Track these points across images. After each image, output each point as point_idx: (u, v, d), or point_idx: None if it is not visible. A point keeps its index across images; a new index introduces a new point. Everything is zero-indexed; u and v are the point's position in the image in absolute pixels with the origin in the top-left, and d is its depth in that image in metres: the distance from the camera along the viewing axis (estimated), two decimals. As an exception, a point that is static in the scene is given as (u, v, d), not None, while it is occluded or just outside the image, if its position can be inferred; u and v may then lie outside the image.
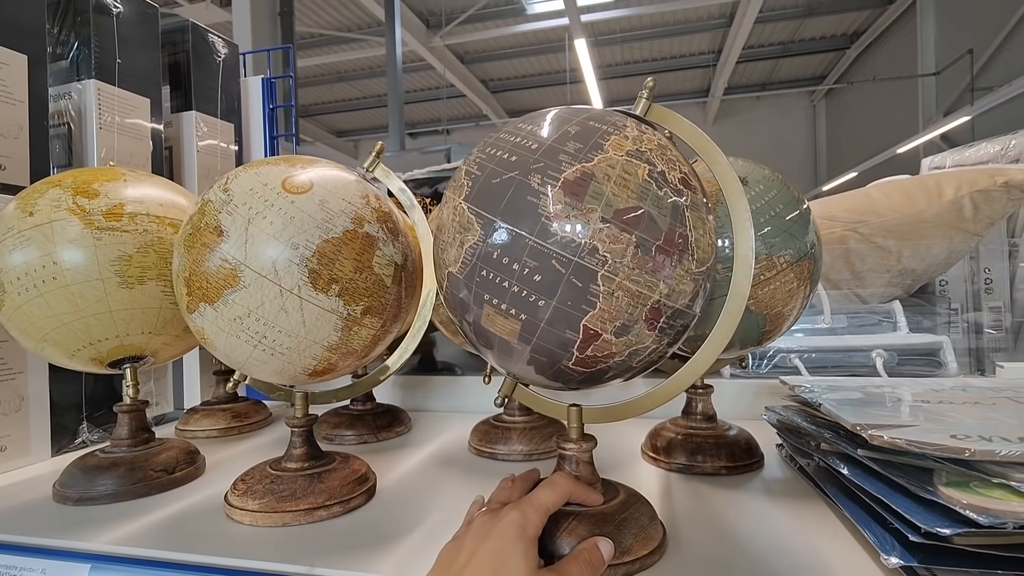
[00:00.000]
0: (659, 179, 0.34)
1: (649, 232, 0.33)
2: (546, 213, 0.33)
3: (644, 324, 0.34)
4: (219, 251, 0.41)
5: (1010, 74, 4.65)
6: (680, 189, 0.35)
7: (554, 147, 0.35)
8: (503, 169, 0.35)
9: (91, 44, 0.71)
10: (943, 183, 0.76)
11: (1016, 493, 0.32)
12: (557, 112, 0.38)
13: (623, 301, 0.33)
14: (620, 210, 0.33)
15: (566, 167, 0.33)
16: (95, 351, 0.50)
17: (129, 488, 0.51)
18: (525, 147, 0.35)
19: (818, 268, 0.53)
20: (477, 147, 0.39)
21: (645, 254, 0.33)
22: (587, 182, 0.33)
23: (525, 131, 0.37)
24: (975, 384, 0.57)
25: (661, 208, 0.34)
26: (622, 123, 0.36)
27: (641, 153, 0.35)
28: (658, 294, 0.34)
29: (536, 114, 0.39)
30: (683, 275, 0.35)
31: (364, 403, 0.73)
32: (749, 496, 0.49)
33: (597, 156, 0.34)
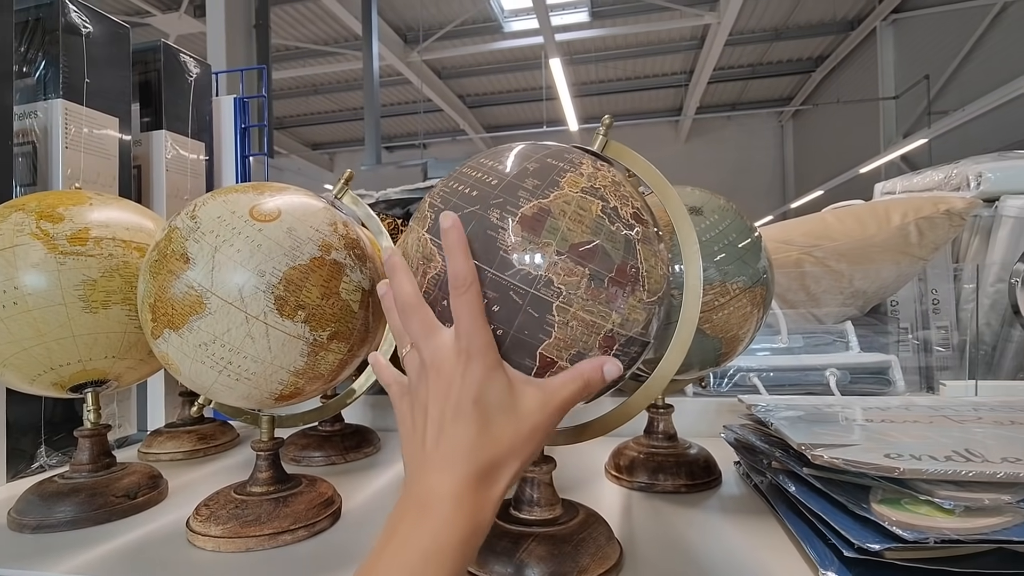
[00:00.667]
0: (612, 214, 0.36)
1: (602, 265, 0.35)
2: (504, 247, 0.34)
3: (599, 351, 0.36)
4: (185, 278, 0.41)
5: (964, 99, 4.90)
6: (632, 224, 0.37)
7: (513, 183, 0.36)
8: (464, 203, 0.37)
9: (59, 63, 0.71)
10: (891, 209, 0.80)
11: (940, 509, 0.35)
12: (519, 149, 0.40)
13: (578, 330, 0.35)
14: (575, 244, 0.34)
15: (524, 203, 0.35)
16: (56, 376, 0.49)
17: (89, 515, 0.51)
18: (486, 183, 0.37)
19: (770, 293, 0.56)
20: (442, 180, 0.40)
21: (599, 286, 0.35)
22: (544, 218, 0.35)
23: (487, 167, 0.38)
24: (918, 403, 0.60)
25: (614, 242, 0.36)
26: (579, 160, 0.38)
27: (595, 190, 0.37)
28: (611, 323, 0.36)
29: (499, 149, 0.40)
30: (636, 305, 0.36)
31: (332, 424, 0.73)
32: (706, 514, 0.51)
33: (554, 193, 0.36)
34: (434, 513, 0.29)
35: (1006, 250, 0.81)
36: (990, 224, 0.84)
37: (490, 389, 0.31)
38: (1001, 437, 0.44)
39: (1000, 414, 0.52)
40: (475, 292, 0.32)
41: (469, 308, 0.32)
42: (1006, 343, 0.80)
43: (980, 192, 0.84)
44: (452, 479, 0.30)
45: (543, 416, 0.32)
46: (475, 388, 0.31)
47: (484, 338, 0.32)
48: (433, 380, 0.32)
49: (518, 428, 0.31)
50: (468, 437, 0.30)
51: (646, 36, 6.81)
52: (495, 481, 0.31)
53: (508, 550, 0.38)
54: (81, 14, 0.74)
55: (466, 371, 0.31)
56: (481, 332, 0.32)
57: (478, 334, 0.32)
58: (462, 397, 0.31)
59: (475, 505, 0.29)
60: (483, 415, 0.31)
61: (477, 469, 0.30)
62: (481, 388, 0.31)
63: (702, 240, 0.52)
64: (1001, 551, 0.35)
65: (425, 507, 0.29)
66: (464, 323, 0.32)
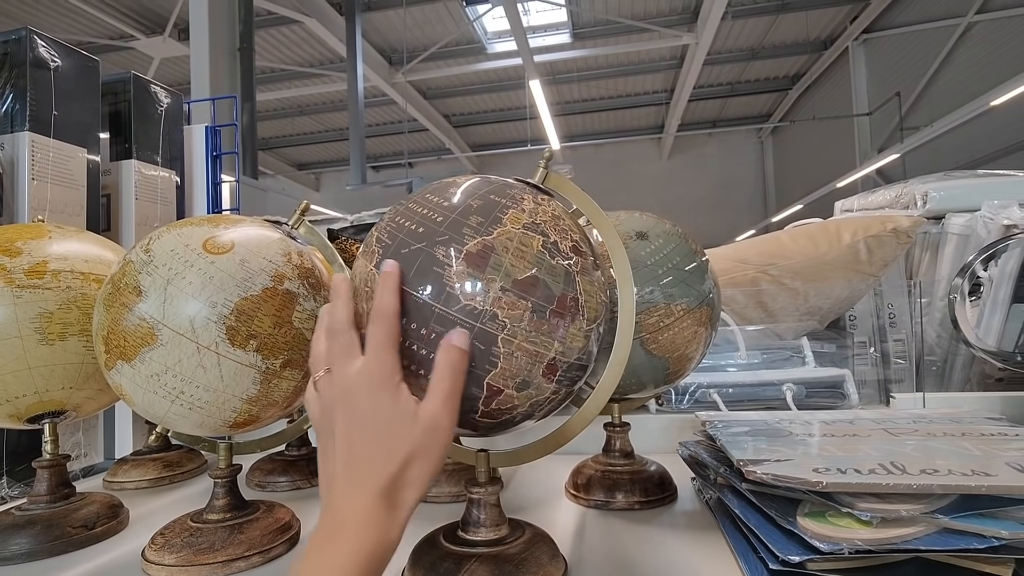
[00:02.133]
0: (552, 249, 0.38)
1: (544, 298, 0.37)
2: (450, 283, 0.36)
3: (543, 378, 0.38)
4: (137, 310, 0.42)
5: (934, 115, 5.05)
6: (571, 256, 0.39)
7: (458, 220, 0.38)
8: (411, 240, 0.38)
9: (27, 97, 0.72)
10: (842, 228, 0.83)
11: (859, 521, 0.37)
12: (465, 185, 0.41)
13: (522, 360, 0.36)
14: (518, 280, 0.36)
15: (468, 240, 0.37)
16: (12, 408, 0.50)
17: (45, 546, 0.51)
18: (432, 219, 0.39)
19: (716, 313, 0.58)
20: (388, 214, 0.42)
21: (540, 318, 0.36)
22: (488, 254, 0.36)
23: (432, 203, 0.40)
24: (863, 416, 0.62)
25: (554, 275, 0.37)
26: (520, 196, 0.40)
27: (536, 225, 0.38)
28: (554, 351, 0.37)
29: (444, 185, 0.42)
30: (576, 333, 0.38)
31: (299, 448, 0.73)
32: (657, 530, 0.53)
33: (497, 229, 0.37)
34: (344, 535, 0.30)
35: (952, 266, 0.84)
36: (938, 240, 0.88)
37: (393, 411, 0.33)
38: (929, 449, 0.46)
39: (936, 426, 0.54)
40: (390, 323, 0.35)
41: (380, 336, 0.34)
42: (955, 356, 0.83)
43: (926, 210, 0.88)
44: (359, 500, 0.31)
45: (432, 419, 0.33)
46: (379, 411, 0.33)
47: (390, 365, 0.34)
48: (340, 403, 0.34)
49: (412, 437, 0.33)
50: (371, 457, 0.32)
51: (626, 56, 6.96)
52: (402, 494, 0.32)
53: (450, 571, 0.39)
54: (50, 48, 0.75)
55: (370, 395, 0.33)
56: (387, 359, 0.34)
57: (385, 361, 0.34)
58: (365, 419, 0.33)
59: (383, 522, 0.31)
60: (386, 434, 0.33)
61: (382, 486, 0.32)
62: (383, 411, 0.33)
63: (647, 264, 0.54)
64: (918, 560, 0.36)
65: (336, 529, 0.31)
66: (372, 349, 0.34)
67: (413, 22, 6.03)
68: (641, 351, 0.54)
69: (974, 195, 0.86)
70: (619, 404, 0.62)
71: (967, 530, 0.35)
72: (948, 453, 0.45)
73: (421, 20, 6.06)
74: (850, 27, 6.24)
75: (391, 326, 0.34)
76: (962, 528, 0.35)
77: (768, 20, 6.24)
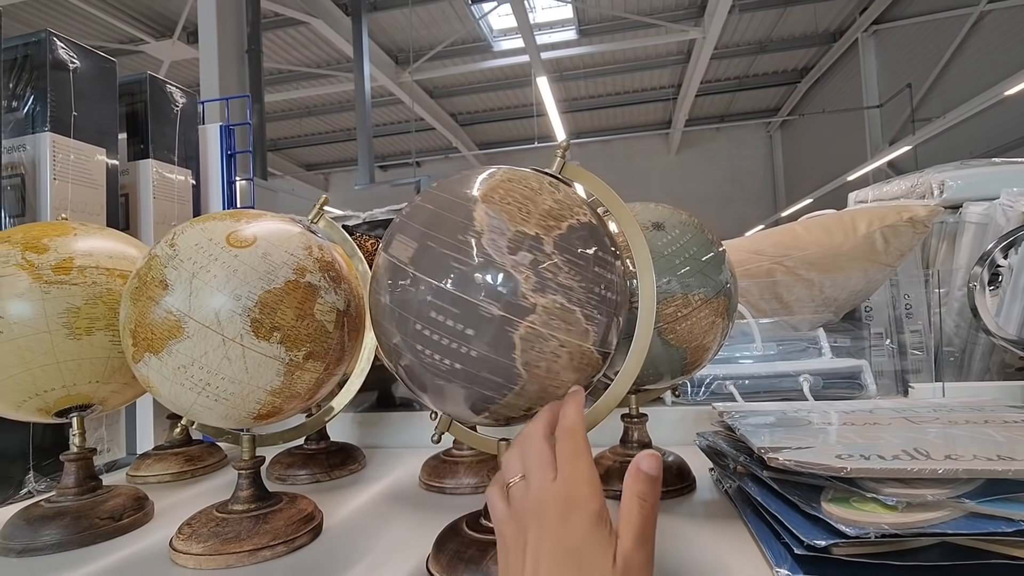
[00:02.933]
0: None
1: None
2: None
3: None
4: (164, 303, 0.43)
5: (946, 106, 4.99)
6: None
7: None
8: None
9: (47, 97, 0.73)
10: (857, 219, 0.83)
11: (884, 506, 0.36)
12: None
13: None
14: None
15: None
16: (41, 401, 0.51)
17: (74, 537, 0.52)
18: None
19: (733, 303, 0.58)
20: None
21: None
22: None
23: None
24: (883, 406, 0.62)
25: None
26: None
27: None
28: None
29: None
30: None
31: (318, 442, 0.74)
32: (677, 519, 0.53)
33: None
34: None
35: (970, 254, 0.83)
36: (955, 230, 0.87)
37: (591, 538, 0.29)
38: (951, 436, 0.46)
39: (957, 414, 0.54)
40: (582, 438, 0.32)
41: (576, 453, 0.32)
42: (974, 346, 0.82)
43: (943, 200, 0.87)
44: None
45: (630, 561, 0.29)
46: (578, 535, 0.29)
47: (591, 487, 0.31)
48: (534, 520, 0.31)
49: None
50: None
51: (633, 52, 6.93)
52: None
53: (475, 558, 0.39)
54: (68, 50, 0.76)
55: (567, 518, 0.30)
56: (586, 475, 0.31)
57: (584, 482, 0.31)
58: (558, 544, 0.29)
59: None
60: (580, 564, 0.29)
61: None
62: (583, 535, 0.29)
63: (664, 254, 0.54)
64: (944, 544, 0.36)
65: None
66: (569, 468, 0.31)
67: (419, 21, 6.04)
68: (659, 341, 0.54)
69: (992, 183, 0.85)
70: (636, 395, 0.62)
71: (994, 514, 0.35)
72: (971, 440, 0.45)
73: (427, 19, 6.07)
74: (860, 18, 6.17)
75: (582, 439, 0.32)
76: (989, 512, 0.35)
77: (776, 13, 6.19)
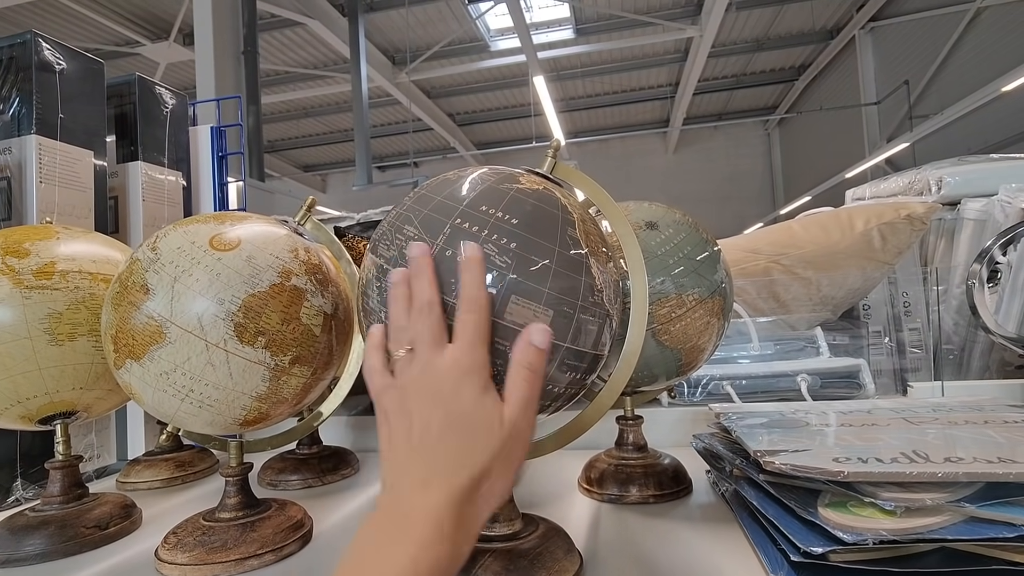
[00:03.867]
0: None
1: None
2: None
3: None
4: (145, 308, 0.42)
5: (944, 102, 4.98)
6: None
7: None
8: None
9: (32, 100, 0.72)
10: (854, 216, 0.82)
11: (882, 511, 0.36)
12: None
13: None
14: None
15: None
16: (24, 409, 0.50)
17: (59, 547, 0.51)
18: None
19: (729, 303, 0.57)
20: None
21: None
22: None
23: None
24: (881, 406, 0.61)
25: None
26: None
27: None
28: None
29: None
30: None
31: (310, 447, 0.73)
32: (673, 523, 0.52)
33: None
34: (413, 536, 0.27)
35: (968, 251, 0.82)
36: (953, 227, 0.86)
37: (480, 410, 0.31)
38: (950, 437, 0.45)
39: (956, 414, 0.53)
40: (482, 315, 0.33)
41: (475, 327, 0.32)
42: (973, 344, 0.82)
43: (941, 196, 0.86)
44: (432, 498, 0.28)
45: (513, 426, 0.31)
46: (465, 407, 0.31)
47: (482, 357, 0.32)
48: (424, 389, 0.32)
49: (495, 442, 0.31)
50: (452, 454, 0.30)
51: (630, 51, 6.92)
52: (475, 507, 0.30)
53: (465, 567, 0.38)
54: (54, 51, 0.75)
55: (460, 386, 0.31)
56: (480, 352, 0.32)
57: (478, 352, 0.32)
58: (452, 410, 0.31)
59: (456, 530, 0.28)
60: (470, 433, 0.30)
61: (459, 490, 0.29)
62: (470, 407, 0.31)
63: (657, 254, 0.53)
64: (944, 550, 0.35)
65: (404, 527, 0.28)
66: (467, 340, 0.32)
67: (416, 21, 6.02)
68: (653, 342, 0.53)
69: (990, 179, 0.84)
70: (631, 397, 0.61)
71: (994, 518, 0.34)
72: (971, 441, 0.44)
73: (423, 19, 6.06)
74: (856, 15, 6.16)
75: (484, 318, 0.33)
76: (989, 516, 0.34)
77: (773, 11, 6.18)
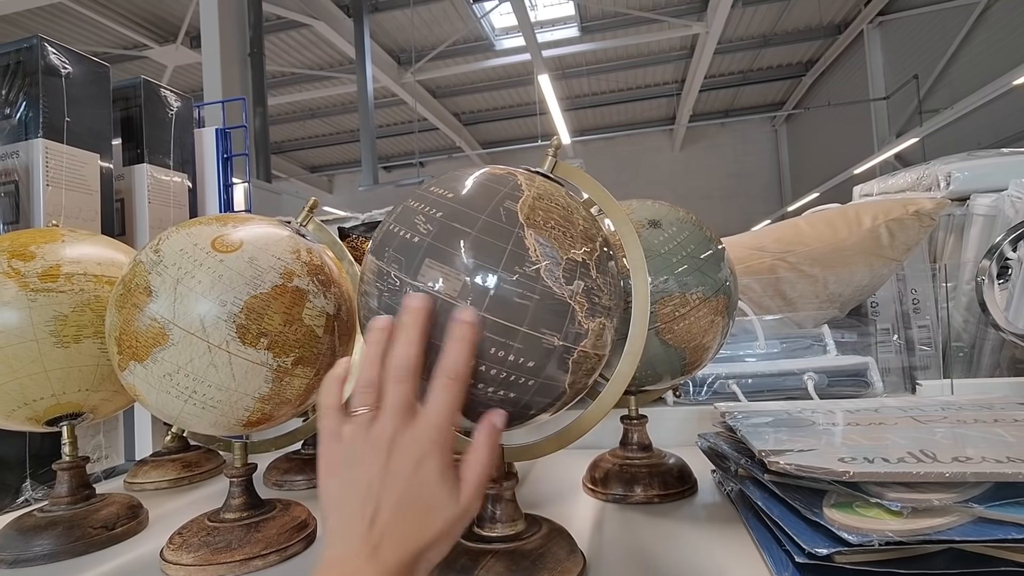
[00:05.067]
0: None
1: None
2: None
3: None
4: (148, 310, 0.42)
5: (953, 97, 4.92)
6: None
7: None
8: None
9: (39, 104, 0.73)
10: (862, 213, 0.81)
11: (888, 511, 0.35)
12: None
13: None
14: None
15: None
16: (31, 411, 0.50)
17: (66, 547, 0.51)
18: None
19: (733, 302, 0.57)
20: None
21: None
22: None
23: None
24: (889, 404, 0.60)
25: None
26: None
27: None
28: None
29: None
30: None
31: (315, 446, 0.73)
32: (677, 523, 0.52)
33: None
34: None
35: (978, 247, 0.81)
36: (963, 222, 0.85)
37: (438, 488, 0.31)
38: (960, 436, 0.45)
39: (966, 413, 0.52)
40: (462, 388, 0.32)
41: (449, 401, 0.32)
42: (983, 341, 0.81)
43: (950, 192, 0.85)
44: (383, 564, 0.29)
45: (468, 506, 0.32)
46: (425, 483, 0.31)
47: (449, 435, 0.32)
48: (384, 456, 0.31)
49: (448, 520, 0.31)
50: (403, 528, 0.30)
51: (636, 48, 6.89)
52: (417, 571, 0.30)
53: (467, 567, 0.38)
54: (60, 56, 0.76)
55: (423, 462, 0.31)
56: (448, 429, 0.32)
57: (445, 430, 0.32)
58: (411, 486, 0.30)
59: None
60: (425, 510, 0.31)
61: (403, 561, 0.29)
62: (429, 484, 0.31)
63: (661, 252, 0.53)
64: (952, 551, 0.35)
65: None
66: (438, 412, 0.32)
67: (420, 21, 6.03)
68: (656, 341, 0.53)
69: (1000, 174, 0.83)
70: (635, 396, 0.61)
71: (1003, 519, 0.34)
72: (980, 440, 0.44)
73: (428, 19, 6.06)
74: (865, 10, 6.10)
75: (461, 392, 0.32)
76: (998, 517, 0.34)
77: (780, 6, 6.13)
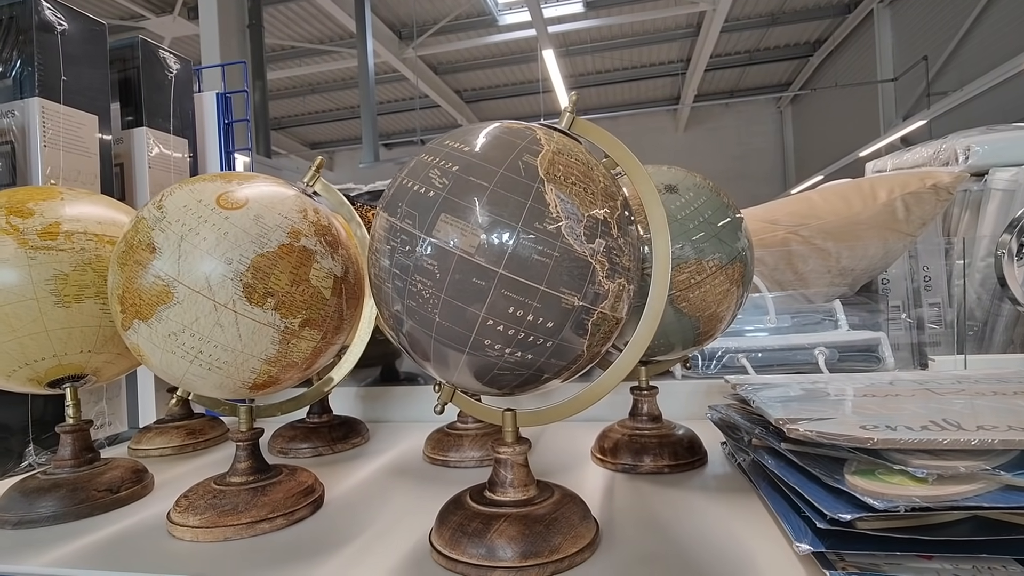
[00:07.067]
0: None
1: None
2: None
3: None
4: (152, 268, 0.41)
5: (963, 79, 4.85)
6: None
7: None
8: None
9: (34, 62, 0.71)
10: (877, 186, 0.79)
11: (912, 478, 0.34)
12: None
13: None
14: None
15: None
16: (31, 371, 0.49)
17: (71, 509, 0.51)
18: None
19: (749, 271, 0.56)
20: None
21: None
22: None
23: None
24: (903, 377, 0.59)
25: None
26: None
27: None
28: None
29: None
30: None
31: (320, 415, 0.73)
32: (688, 493, 0.51)
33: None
34: None
35: (995, 223, 0.80)
36: (980, 198, 0.83)
37: None
38: (980, 407, 0.44)
39: (983, 386, 0.52)
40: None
41: None
42: (997, 317, 0.80)
43: (968, 166, 0.83)
44: None
45: None
46: None
47: None
48: None
49: None
50: None
51: (641, 25, 6.76)
52: None
53: (479, 531, 0.37)
54: (55, 11, 0.73)
55: None
56: None
57: None
58: None
59: None
60: None
61: None
62: None
63: (678, 218, 0.51)
64: (976, 519, 0.34)
65: None
66: None
67: (422, -6, 5.91)
68: (671, 309, 0.51)
69: (1020, 148, 0.81)
70: (646, 367, 0.60)
71: (1031, 487, 0.33)
72: (1002, 410, 0.43)
73: (430, -8, 5.94)
74: (876, -12, 5.99)
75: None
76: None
77: (789, -17, 6.01)
